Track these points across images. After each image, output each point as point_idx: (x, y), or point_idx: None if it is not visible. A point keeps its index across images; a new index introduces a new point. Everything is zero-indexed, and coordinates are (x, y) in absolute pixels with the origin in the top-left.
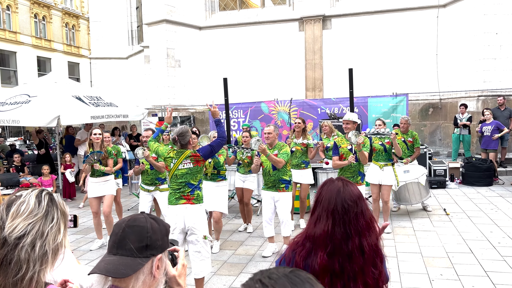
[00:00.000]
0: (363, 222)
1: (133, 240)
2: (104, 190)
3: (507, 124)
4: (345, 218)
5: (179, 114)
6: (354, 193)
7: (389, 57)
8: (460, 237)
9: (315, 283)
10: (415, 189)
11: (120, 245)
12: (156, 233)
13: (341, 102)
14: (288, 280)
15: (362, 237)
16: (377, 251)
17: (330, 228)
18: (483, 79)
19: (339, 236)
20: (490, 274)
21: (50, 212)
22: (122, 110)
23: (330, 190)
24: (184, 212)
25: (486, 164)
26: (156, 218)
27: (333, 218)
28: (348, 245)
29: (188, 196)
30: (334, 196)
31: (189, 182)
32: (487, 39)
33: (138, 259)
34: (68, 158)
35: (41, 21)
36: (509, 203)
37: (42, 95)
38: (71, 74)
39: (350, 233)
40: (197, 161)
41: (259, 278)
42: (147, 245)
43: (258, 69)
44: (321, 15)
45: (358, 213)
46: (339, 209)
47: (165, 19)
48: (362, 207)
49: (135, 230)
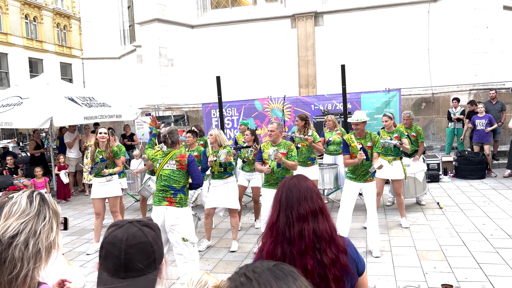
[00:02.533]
0: (307, 208)
1: (141, 260)
2: (108, 192)
3: (499, 117)
4: (288, 204)
5: (172, 113)
6: (301, 183)
7: (381, 52)
8: (453, 230)
9: (298, 276)
10: (411, 184)
11: (127, 268)
12: (157, 242)
13: (335, 98)
14: (271, 274)
15: (304, 223)
16: (328, 239)
17: (276, 216)
18: (475, 73)
19: (282, 222)
20: (482, 266)
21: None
22: (115, 110)
23: (281, 182)
24: (164, 212)
25: (478, 157)
26: (148, 223)
27: (279, 206)
28: (290, 231)
29: (170, 199)
30: (281, 187)
31: (171, 185)
32: (477, 33)
33: (150, 275)
34: (62, 159)
35: (32, 22)
36: (501, 196)
37: (34, 97)
38: (64, 75)
39: (292, 218)
40: (181, 164)
41: (243, 272)
42: (155, 258)
43: (251, 67)
44: (313, 12)
45: (301, 199)
46: (283, 197)
47: (157, 18)
48: (307, 194)
49: (139, 248)
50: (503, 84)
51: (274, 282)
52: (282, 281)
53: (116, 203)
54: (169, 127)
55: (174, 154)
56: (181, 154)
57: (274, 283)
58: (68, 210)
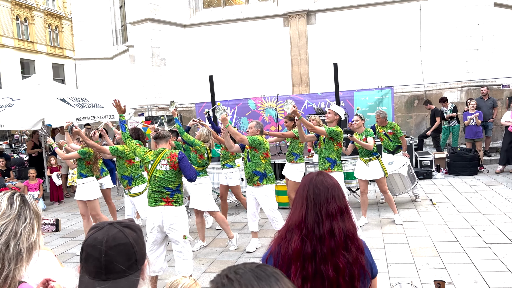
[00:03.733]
0: (335, 207)
1: (121, 261)
2: (85, 195)
3: (490, 114)
4: (316, 202)
5: (166, 113)
6: (327, 180)
7: (373, 50)
8: (446, 226)
9: (280, 277)
10: (397, 180)
11: (108, 270)
12: (138, 243)
13: (328, 97)
14: (253, 275)
15: (333, 221)
16: (352, 238)
17: (304, 213)
18: (466, 70)
19: (311, 220)
20: (475, 261)
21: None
22: (107, 110)
23: (305, 179)
24: (162, 212)
25: (470, 153)
26: (129, 224)
27: (307, 203)
28: (320, 229)
29: (167, 199)
30: (307, 183)
31: (167, 186)
32: (469, 30)
33: (132, 276)
34: (54, 161)
35: (23, 23)
36: (493, 191)
37: (26, 98)
38: (56, 76)
39: (321, 216)
40: (173, 163)
41: (226, 274)
42: (136, 260)
43: (244, 66)
44: (305, 10)
45: (329, 197)
46: (310, 194)
47: (149, 18)
48: (334, 193)
49: (119, 250)
50: (495, 81)
51: (255, 282)
52: (264, 282)
53: (94, 206)
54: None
55: (165, 154)
56: (171, 154)
57: (255, 283)
58: (61, 212)
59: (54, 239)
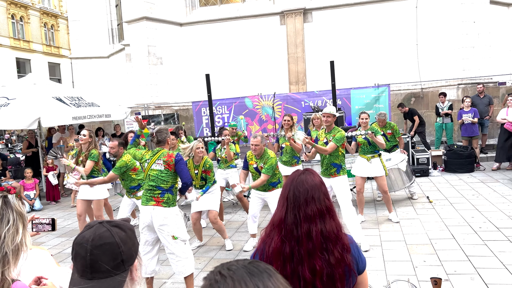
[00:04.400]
0: (314, 209)
1: (106, 261)
2: (93, 194)
3: (486, 111)
4: (295, 204)
5: (162, 112)
6: (308, 181)
7: (370, 48)
8: (443, 223)
9: (273, 273)
10: (396, 175)
11: (93, 269)
12: (126, 243)
13: (324, 95)
14: (246, 271)
15: (311, 223)
16: (335, 239)
17: (284, 214)
18: (463, 68)
19: (290, 221)
20: (471, 259)
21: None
22: (104, 109)
23: (288, 178)
24: (151, 212)
25: (467, 151)
26: (119, 224)
27: (287, 204)
28: (298, 230)
29: (157, 199)
30: (289, 183)
31: (159, 185)
32: (465, 28)
33: (118, 276)
34: (50, 161)
35: (18, 22)
36: (490, 189)
37: (21, 97)
38: (52, 75)
39: (299, 218)
40: (169, 164)
41: (219, 270)
42: (122, 260)
43: (241, 64)
44: (302, 8)
45: (308, 199)
46: (290, 195)
47: (145, 16)
48: (315, 195)
49: (104, 249)
50: (491, 78)
51: (248, 278)
52: (257, 278)
53: (100, 206)
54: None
55: (162, 154)
56: (168, 154)
57: (248, 279)
58: (57, 211)
59: (50, 239)
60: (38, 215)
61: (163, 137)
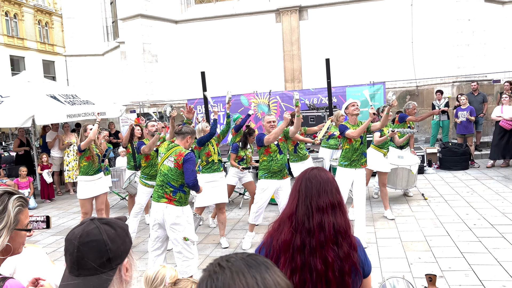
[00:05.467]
0: (326, 201)
1: (92, 258)
2: (98, 189)
3: (481, 109)
4: (307, 194)
5: (158, 110)
6: (321, 174)
7: (365, 46)
8: (438, 220)
9: (270, 266)
10: (404, 175)
11: (80, 265)
12: (115, 241)
13: (320, 93)
14: (244, 263)
15: (323, 215)
16: (344, 234)
17: (295, 206)
18: (457, 65)
19: (301, 212)
20: (466, 255)
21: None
22: (99, 107)
23: (300, 173)
24: (163, 210)
25: (462, 148)
26: (110, 221)
27: (298, 196)
28: (310, 221)
29: (169, 196)
30: (301, 176)
31: (169, 182)
32: (460, 26)
33: (104, 275)
34: (45, 159)
35: (12, 19)
36: (484, 186)
37: (15, 95)
38: (47, 73)
39: (311, 209)
40: (178, 163)
41: (218, 262)
42: (109, 258)
43: (236, 62)
44: (297, 6)
45: (320, 191)
46: (303, 187)
47: (140, 14)
48: (327, 187)
49: (91, 246)
50: (485, 76)
51: (246, 270)
52: (255, 269)
53: (104, 200)
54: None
55: (175, 151)
56: (180, 152)
57: (246, 271)
58: (52, 209)
59: (45, 237)
60: (32, 213)
61: (187, 130)
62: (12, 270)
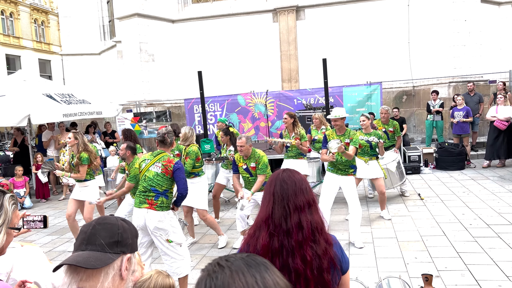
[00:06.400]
0: (303, 199)
1: (103, 236)
2: (84, 196)
3: (477, 109)
4: (284, 196)
5: (154, 109)
6: (294, 175)
7: (362, 46)
8: (434, 220)
9: (270, 266)
10: None
11: (89, 241)
12: (126, 231)
13: (317, 93)
14: (244, 262)
15: (301, 213)
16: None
17: (271, 208)
18: (454, 66)
19: (278, 214)
20: (462, 255)
21: None
22: (95, 107)
23: (271, 176)
24: (145, 216)
25: (458, 148)
26: (126, 220)
27: (273, 199)
28: (287, 222)
29: (151, 201)
30: (273, 179)
31: (154, 188)
32: (456, 26)
33: (109, 254)
34: (40, 158)
35: (8, 18)
36: (480, 186)
37: (11, 94)
38: (43, 72)
39: (289, 210)
40: (166, 169)
41: (217, 262)
42: (118, 241)
43: (233, 62)
44: (295, 6)
45: (296, 191)
46: (278, 189)
47: (137, 13)
48: (302, 186)
49: (106, 226)
50: (481, 76)
51: (246, 269)
52: (254, 269)
53: (91, 210)
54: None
55: (163, 157)
56: (168, 159)
57: (246, 270)
58: (48, 209)
59: (41, 237)
60: (29, 213)
61: (172, 139)
62: (9, 269)
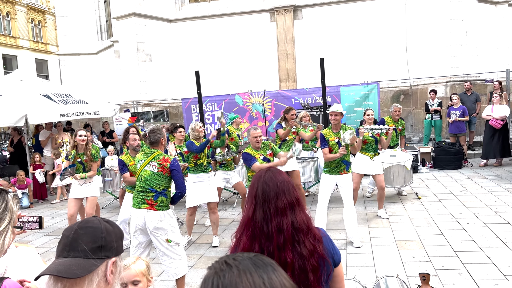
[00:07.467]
0: (285, 201)
1: (86, 241)
2: (87, 192)
3: (474, 108)
4: (266, 199)
5: (152, 109)
6: (277, 176)
7: (360, 45)
8: (431, 219)
9: (277, 267)
10: (400, 172)
11: (72, 247)
12: (110, 234)
13: (314, 92)
14: (251, 262)
15: (282, 216)
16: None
17: (252, 212)
18: (451, 65)
19: (259, 218)
20: (459, 254)
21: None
22: (92, 106)
23: (254, 177)
24: (144, 215)
25: (455, 148)
26: (110, 221)
27: (255, 202)
28: (268, 226)
29: (151, 201)
30: (256, 181)
31: (152, 187)
32: (453, 26)
33: (92, 260)
34: (38, 158)
35: (5, 18)
36: (477, 185)
37: (8, 94)
38: (40, 72)
39: (269, 213)
40: (163, 168)
41: (224, 260)
42: (101, 245)
43: (231, 61)
44: (292, 5)
45: (278, 192)
46: (259, 192)
47: (134, 13)
48: (284, 187)
49: (88, 231)
50: (478, 76)
51: (253, 269)
52: (262, 269)
53: (94, 205)
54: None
55: (157, 156)
56: (164, 158)
57: (253, 270)
58: (45, 209)
59: (37, 238)
60: (24, 213)
61: (156, 138)
62: (3, 270)
